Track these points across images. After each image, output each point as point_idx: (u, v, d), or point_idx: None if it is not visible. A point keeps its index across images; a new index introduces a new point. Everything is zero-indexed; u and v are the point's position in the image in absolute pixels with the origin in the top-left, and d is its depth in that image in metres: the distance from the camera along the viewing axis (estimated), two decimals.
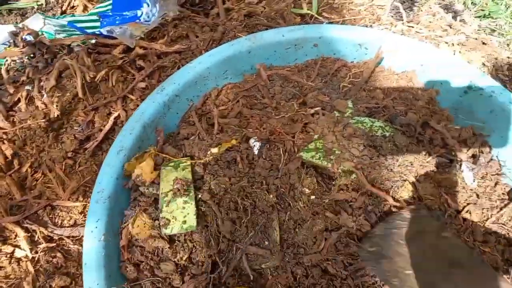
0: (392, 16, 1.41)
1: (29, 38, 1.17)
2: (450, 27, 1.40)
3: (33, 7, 1.62)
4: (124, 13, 1.30)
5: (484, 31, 1.39)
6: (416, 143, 0.90)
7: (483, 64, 1.26)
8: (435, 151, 0.89)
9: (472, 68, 1.00)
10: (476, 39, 1.35)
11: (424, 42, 1.26)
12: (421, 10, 1.45)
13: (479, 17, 1.48)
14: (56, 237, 0.94)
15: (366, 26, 1.36)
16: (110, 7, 1.37)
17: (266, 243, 0.81)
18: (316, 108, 0.96)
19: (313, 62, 1.10)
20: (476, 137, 0.93)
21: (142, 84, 1.14)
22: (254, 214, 0.82)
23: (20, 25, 1.18)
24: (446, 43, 1.37)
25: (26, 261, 0.90)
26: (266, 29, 1.26)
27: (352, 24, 1.34)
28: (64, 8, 1.59)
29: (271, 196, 0.83)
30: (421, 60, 1.04)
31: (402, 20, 1.40)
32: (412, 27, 1.40)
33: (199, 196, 0.82)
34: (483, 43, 1.33)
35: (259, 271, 0.80)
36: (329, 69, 1.09)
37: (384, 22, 1.41)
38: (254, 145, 0.91)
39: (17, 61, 1.19)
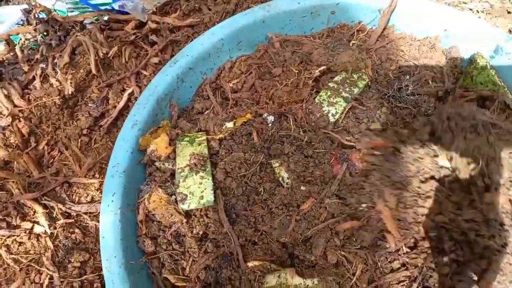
0: None
1: (42, 15, 1.16)
2: None
3: None
4: None
5: (509, 1, 1.32)
6: None
7: (509, 30, 1.20)
8: None
9: (499, 32, 0.94)
10: (500, 7, 1.28)
11: (447, 6, 1.19)
12: None
13: None
14: (74, 214, 0.95)
15: None
16: None
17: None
18: (321, 68, 0.92)
19: (330, 30, 1.05)
20: None
21: (155, 59, 1.12)
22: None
23: (32, 3, 1.17)
24: (471, 9, 1.31)
25: (45, 236, 0.91)
26: None
27: None
28: None
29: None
30: (444, 25, 0.98)
31: None
32: None
33: (214, 172, 0.81)
34: (508, 12, 1.27)
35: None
36: (345, 35, 1.05)
37: None
38: (267, 119, 0.88)
39: (31, 39, 1.19)
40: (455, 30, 0.97)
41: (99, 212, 0.94)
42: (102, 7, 1.28)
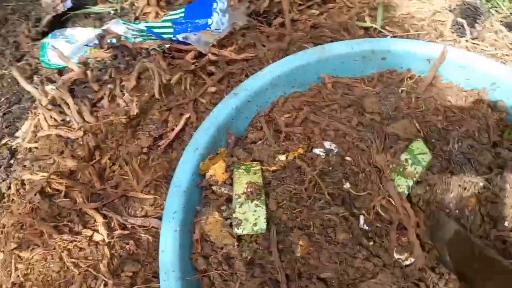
0: (453, 32, 1.40)
1: (113, 40, 1.27)
2: None
3: (109, 12, 1.73)
4: (196, 21, 1.38)
5: None
6: None
7: None
8: None
9: None
10: None
11: (494, 60, 1.24)
12: (483, 28, 1.43)
13: None
14: (129, 226, 1.02)
15: (431, 41, 1.36)
16: (182, 15, 1.45)
17: None
18: None
19: (379, 75, 1.12)
20: None
21: (212, 89, 1.21)
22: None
23: (105, 28, 1.29)
24: None
25: (103, 245, 0.98)
26: (331, 40, 1.30)
27: (416, 39, 1.35)
28: (137, 14, 1.69)
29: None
30: (492, 78, 1.03)
31: (465, 36, 1.38)
32: (478, 44, 1.39)
33: (267, 202, 0.87)
34: None
35: None
36: (394, 80, 1.11)
37: (447, 38, 1.40)
38: (319, 155, 0.94)
39: (100, 61, 1.30)
40: (503, 84, 1.02)
41: (152, 227, 1.02)
42: (165, 36, 1.39)
